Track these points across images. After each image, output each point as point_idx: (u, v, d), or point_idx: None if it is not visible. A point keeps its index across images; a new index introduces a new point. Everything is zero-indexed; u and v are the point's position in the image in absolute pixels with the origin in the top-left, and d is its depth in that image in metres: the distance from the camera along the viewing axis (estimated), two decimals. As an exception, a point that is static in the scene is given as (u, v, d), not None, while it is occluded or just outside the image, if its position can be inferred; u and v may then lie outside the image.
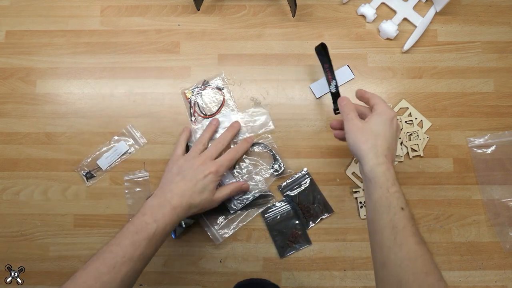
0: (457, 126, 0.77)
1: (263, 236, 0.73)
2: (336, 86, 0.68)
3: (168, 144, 0.76)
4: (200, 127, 0.76)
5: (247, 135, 0.75)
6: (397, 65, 0.78)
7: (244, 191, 0.72)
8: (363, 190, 0.72)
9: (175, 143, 0.76)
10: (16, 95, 0.77)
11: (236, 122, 0.74)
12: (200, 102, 0.77)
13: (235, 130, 0.73)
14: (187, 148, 0.75)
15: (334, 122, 0.67)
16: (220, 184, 0.70)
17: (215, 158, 0.67)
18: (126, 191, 0.74)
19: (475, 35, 0.80)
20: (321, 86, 0.77)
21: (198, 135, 0.75)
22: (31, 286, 0.73)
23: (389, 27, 0.77)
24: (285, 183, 0.75)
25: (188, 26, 0.80)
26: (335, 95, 0.68)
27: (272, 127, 0.76)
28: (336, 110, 0.68)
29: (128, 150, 0.74)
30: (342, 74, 0.78)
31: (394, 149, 0.57)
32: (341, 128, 0.64)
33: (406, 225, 0.49)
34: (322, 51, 0.71)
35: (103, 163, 0.74)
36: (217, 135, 0.75)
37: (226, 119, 0.76)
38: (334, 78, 0.68)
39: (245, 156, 0.75)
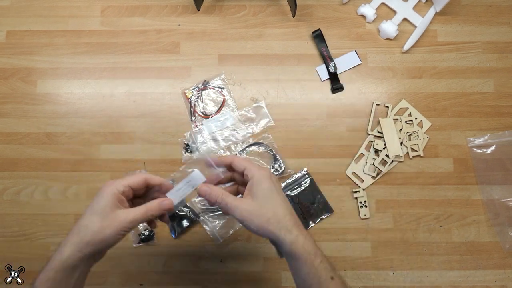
0: (457, 126, 0.77)
1: (263, 236, 0.74)
2: (335, 67, 0.76)
3: (168, 144, 0.76)
4: (202, 128, 0.76)
5: (249, 131, 0.76)
6: (397, 65, 0.79)
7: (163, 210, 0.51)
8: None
9: (174, 143, 0.76)
10: (16, 95, 0.77)
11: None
12: (200, 102, 0.77)
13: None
14: (188, 148, 0.75)
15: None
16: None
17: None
18: (126, 191, 0.74)
19: (475, 35, 0.80)
20: (325, 70, 0.78)
21: (198, 136, 0.75)
22: (31, 286, 0.72)
23: (389, 27, 0.77)
24: (285, 183, 0.75)
25: (188, 26, 0.80)
26: (334, 75, 0.77)
27: (272, 123, 0.76)
28: (335, 89, 0.76)
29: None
30: (349, 59, 0.78)
31: (292, 209, 0.50)
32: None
33: None
34: (319, 36, 0.78)
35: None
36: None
37: (226, 119, 0.76)
38: (332, 60, 0.77)
39: (245, 156, 0.75)
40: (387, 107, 0.77)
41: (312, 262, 0.47)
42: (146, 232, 0.72)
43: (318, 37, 0.78)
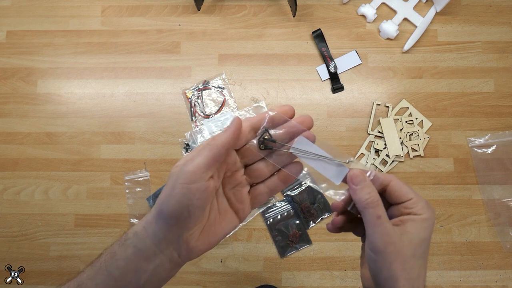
0: (458, 126, 0.77)
1: (263, 236, 0.73)
2: (335, 67, 0.76)
3: (168, 144, 0.76)
4: (202, 128, 0.76)
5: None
6: (398, 65, 0.79)
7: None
8: None
9: (174, 143, 0.76)
10: (17, 95, 0.78)
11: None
12: (200, 102, 0.77)
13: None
14: (188, 148, 0.75)
15: (339, 219, 0.39)
16: None
17: None
18: (127, 190, 0.74)
19: (475, 35, 0.80)
20: (326, 70, 0.78)
21: (198, 136, 0.75)
22: (32, 286, 0.73)
23: (390, 27, 0.77)
24: (285, 183, 0.75)
25: (189, 26, 0.80)
26: (334, 75, 0.77)
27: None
28: (335, 88, 0.75)
29: None
30: (350, 59, 0.78)
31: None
32: (346, 227, 0.40)
33: None
34: (319, 35, 0.78)
35: None
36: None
37: (227, 119, 0.76)
38: (332, 60, 0.77)
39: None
40: (388, 107, 0.77)
41: None
42: None
43: (318, 37, 0.78)
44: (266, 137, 0.34)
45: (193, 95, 0.77)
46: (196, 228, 0.34)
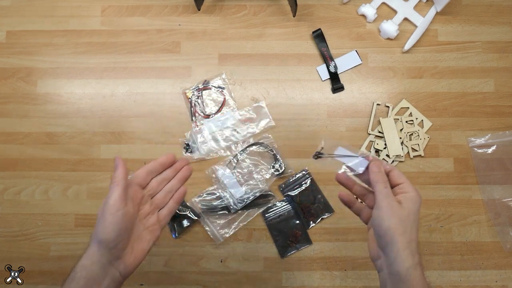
0: (458, 126, 0.77)
1: (263, 236, 0.73)
2: (335, 67, 0.76)
3: (168, 144, 0.76)
4: (202, 128, 0.76)
5: (249, 131, 0.76)
6: (398, 65, 0.78)
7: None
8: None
9: (174, 143, 0.76)
10: (17, 95, 0.77)
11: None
12: (200, 102, 0.77)
13: None
14: (188, 148, 0.75)
15: (345, 195, 0.54)
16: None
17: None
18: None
19: (475, 35, 0.80)
20: (326, 70, 0.78)
21: (198, 136, 0.75)
22: (32, 286, 0.73)
23: (390, 27, 0.77)
24: (285, 183, 0.75)
25: (189, 26, 0.80)
26: (335, 75, 0.77)
27: (272, 123, 0.76)
28: (335, 88, 0.76)
29: None
30: (350, 59, 0.78)
31: None
32: (352, 202, 0.54)
33: None
34: (319, 35, 0.78)
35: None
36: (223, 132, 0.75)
37: (227, 118, 0.76)
38: (332, 59, 0.77)
39: (246, 155, 0.75)
40: (388, 107, 0.77)
41: None
42: None
43: (319, 37, 0.78)
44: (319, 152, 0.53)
45: (193, 95, 0.77)
46: (128, 247, 0.47)
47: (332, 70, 0.77)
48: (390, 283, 0.46)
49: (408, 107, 0.77)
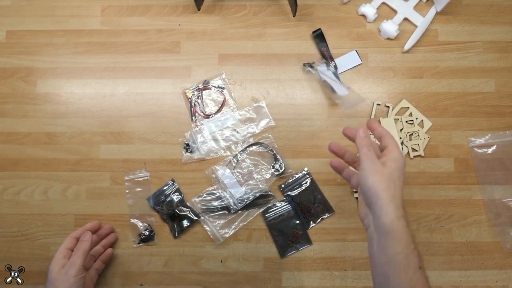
0: (458, 126, 0.77)
1: (263, 236, 0.73)
2: (335, 66, 0.76)
3: (168, 144, 0.76)
4: (202, 128, 0.76)
5: (249, 131, 0.76)
6: (398, 65, 0.78)
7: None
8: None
9: (174, 143, 0.76)
10: (16, 95, 0.77)
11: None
12: (200, 102, 0.77)
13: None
14: (188, 148, 0.75)
15: (336, 162, 0.61)
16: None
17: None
18: (127, 191, 0.74)
19: (476, 35, 0.80)
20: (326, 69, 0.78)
21: (198, 136, 0.75)
22: (32, 286, 0.72)
23: (390, 27, 0.77)
24: (285, 183, 0.75)
25: (189, 26, 0.80)
26: (335, 74, 0.76)
27: (272, 123, 0.76)
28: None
29: None
30: (350, 58, 0.78)
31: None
32: (342, 168, 0.60)
33: (424, 286, 0.47)
34: (319, 35, 0.78)
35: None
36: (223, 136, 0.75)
37: (227, 118, 0.76)
38: (332, 59, 0.77)
39: (246, 155, 0.75)
40: (388, 107, 0.77)
41: (408, 245, 0.47)
42: (147, 232, 0.72)
43: (319, 36, 0.78)
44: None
45: (193, 95, 0.77)
46: None
47: (332, 70, 0.77)
48: (376, 237, 0.49)
49: (408, 107, 0.77)
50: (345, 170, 0.60)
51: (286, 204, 0.74)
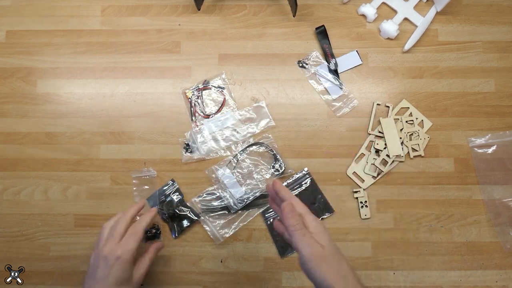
0: (458, 126, 0.77)
1: (263, 236, 0.73)
2: (336, 64, 0.76)
3: (168, 144, 0.76)
4: (202, 128, 0.76)
5: (249, 131, 0.75)
6: (398, 65, 0.78)
7: (160, 249, 0.67)
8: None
9: (174, 143, 0.76)
10: (16, 95, 0.77)
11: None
12: (200, 102, 0.77)
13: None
14: (188, 148, 0.75)
15: (279, 223, 0.57)
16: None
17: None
18: (134, 188, 0.74)
19: (476, 35, 0.79)
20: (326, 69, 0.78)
21: (198, 136, 0.75)
22: (32, 286, 0.73)
23: (390, 27, 0.77)
24: (285, 183, 0.75)
25: (189, 26, 0.80)
26: (335, 73, 0.77)
27: (272, 123, 0.76)
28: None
29: None
30: (350, 59, 0.78)
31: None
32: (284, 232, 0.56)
33: None
34: (322, 32, 0.78)
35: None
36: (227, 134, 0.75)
37: (227, 118, 0.76)
38: (333, 57, 0.77)
39: (246, 155, 0.75)
40: (388, 107, 0.77)
41: None
42: (153, 230, 0.72)
43: (322, 33, 0.78)
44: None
45: (193, 95, 0.77)
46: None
47: (333, 67, 0.77)
48: None
49: (408, 107, 0.77)
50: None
51: (286, 204, 0.74)
